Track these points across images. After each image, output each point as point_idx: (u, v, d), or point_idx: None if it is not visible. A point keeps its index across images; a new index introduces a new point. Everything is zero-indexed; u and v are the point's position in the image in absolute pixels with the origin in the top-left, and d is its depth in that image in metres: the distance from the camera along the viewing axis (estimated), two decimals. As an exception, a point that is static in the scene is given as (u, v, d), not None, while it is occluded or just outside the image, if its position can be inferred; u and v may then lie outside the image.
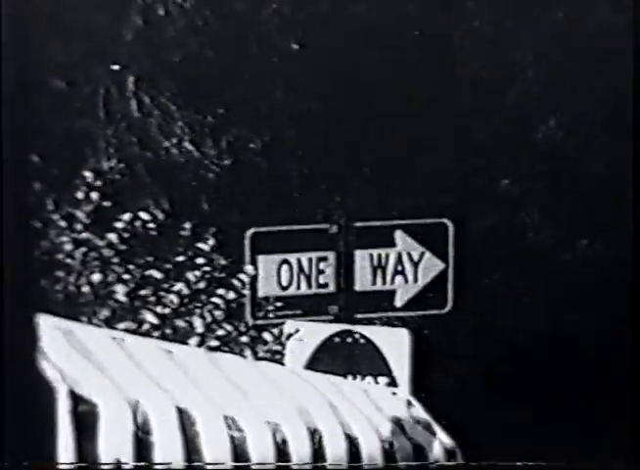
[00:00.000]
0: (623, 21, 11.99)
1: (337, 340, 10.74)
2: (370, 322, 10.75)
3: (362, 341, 10.75)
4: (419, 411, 10.65)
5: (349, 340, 10.72)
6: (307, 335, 10.84)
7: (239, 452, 9.59)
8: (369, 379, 10.73)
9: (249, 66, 11.14)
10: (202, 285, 10.86)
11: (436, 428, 10.60)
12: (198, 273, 10.86)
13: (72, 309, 10.44)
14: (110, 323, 10.55)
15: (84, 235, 10.61)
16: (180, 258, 10.73)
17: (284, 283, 10.87)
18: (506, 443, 10.95)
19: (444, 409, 10.57)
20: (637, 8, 11.90)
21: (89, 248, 10.69)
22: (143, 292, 10.68)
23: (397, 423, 10.64)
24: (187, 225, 10.73)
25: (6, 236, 10.14)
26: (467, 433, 10.54)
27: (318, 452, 9.90)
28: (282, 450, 9.76)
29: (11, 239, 10.35)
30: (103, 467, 8.61)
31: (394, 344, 10.80)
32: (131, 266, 10.69)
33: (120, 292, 10.67)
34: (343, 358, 10.72)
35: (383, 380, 10.77)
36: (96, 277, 10.67)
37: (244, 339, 10.87)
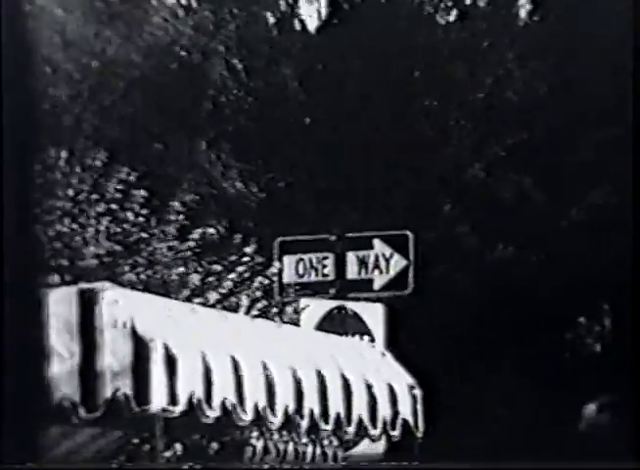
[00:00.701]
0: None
1: (335, 311, 13.48)
2: (357, 300, 13.56)
3: (351, 312, 13.42)
4: (390, 360, 12.76)
5: (343, 311, 13.45)
6: (316, 308, 13.49)
7: (269, 388, 10.69)
8: (356, 337, 13.28)
9: (277, 134, 14.65)
10: (247, 275, 13.99)
11: (402, 370, 12.43)
12: (245, 267, 14.02)
13: (165, 290, 13.47)
14: (189, 299, 13.60)
15: (173, 243, 14.01)
16: (233, 258, 14.05)
17: (300, 273, 13.88)
18: (454, 380, 13.26)
19: (408, 358, 12.66)
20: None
21: (176, 251, 13.99)
22: (209, 279, 13.84)
23: (375, 368, 12.33)
24: (238, 236, 14.09)
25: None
26: (424, 373, 12.42)
27: (321, 388, 11.18)
28: (298, 387, 10.95)
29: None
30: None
31: (373, 314, 13.41)
32: (202, 262, 14.00)
33: (195, 279, 13.83)
34: (339, 323, 13.35)
35: (366, 338, 13.28)
36: (181, 269, 13.85)
37: (274, 310, 13.78)
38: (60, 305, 9.04)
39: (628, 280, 14.45)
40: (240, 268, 13.89)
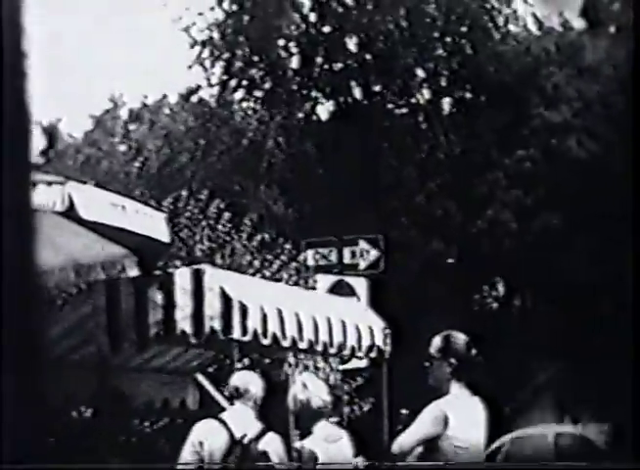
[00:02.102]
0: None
1: (337, 282, 13.26)
2: (350, 276, 13.42)
3: (347, 283, 13.24)
4: (370, 312, 11.84)
5: (342, 282, 13.25)
6: (326, 280, 13.20)
7: (299, 326, 9.97)
8: (350, 298, 12.93)
9: (302, 182, 14.89)
10: (286, 260, 14.11)
11: (378, 318, 11.45)
12: (285, 257, 14.17)
13: (240, 269, 13.24)
14: (253, 274, 13.45)
15: (245, 242, 14.10)
16: (279, 251, 14.22)
17: (317, 260, 13.99)
18: (410, 323, 13.10)
19: (381, 310, 11.62)
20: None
21: (246, 247, 14.06)
22: (265, 263, 14.03)
23: (361, 316, 11.61)
24: (281, 239, 14.22)
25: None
26: (392, 319, 11.31)
27: (329, 327, 10.44)
28: (315, 326, 10.20)
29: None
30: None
31: (359, 284, 13.25)
32: (261, 253, 14.08)
33: (257, 263, 13.94)
34: (340, 289, 13.08)
35: (355, 299, 13.05)
36: (248, 257, 14.00)
37: (302, 281, 13.85)
38: (185, 276, 8.88)
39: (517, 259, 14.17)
40: (282, 257, 14.13)
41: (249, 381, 7.17)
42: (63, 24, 34.67)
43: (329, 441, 7.28)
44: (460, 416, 6.52)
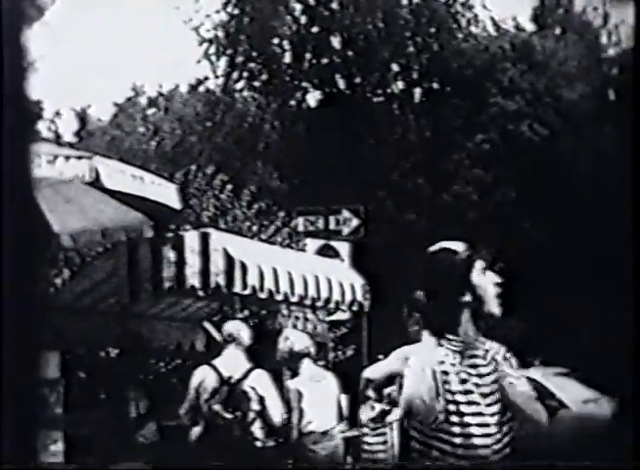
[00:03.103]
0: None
1: (324, 245, 13.05)
2: (335, 240, 13.20)
3: (332, 246, 13.03)
4: (352, 271, 11.74)
5: (328, 246, 13.05)
6: (314, 243, 13.01)
7: (291, 283, 9.88)
8: (334, 259, 12.60)
9: (293, 161, 14.65)
10: (280, 225, 14.00)
11: (359, 276, 11.33)
12: (279, 222, 14.05)
13: (240, 233, 12.60)
14: (252, 237, 13.23)
15: (244, 210, 13.93)
16: (273, 217, 14.10)
17: (307, 226, 13.89)
18: (385, 281, 12.30)
19: (363, 271, 11.44)
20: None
21: (245, 214, 13.77)
22: (262, 228, 13.78)
23: (345, 275, 11.43)
24: (275, 208, 14.10)
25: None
26: (370, 277, 11.23)
27: (316, 284, 10.28)
28: (305, 283, 10.07)
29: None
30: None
31: (343, 247, 13.07)
32: (259, 219, 13.82)
33: (254, 228, 13.76)
34: (326, 252, 12.93)
35: (339, 260, 12.74)
36: (248, 223, 13.77)
37: (294, 244, 13.69)
38: (194, 238, 8.82)
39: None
40: (277, 223, 14.01)
41: (239, 328, 7.08)
42: (93, 26, 34.71)
43: (314, 380, 7.36)
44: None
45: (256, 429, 6.79)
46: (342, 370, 8.15)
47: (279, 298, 9.80)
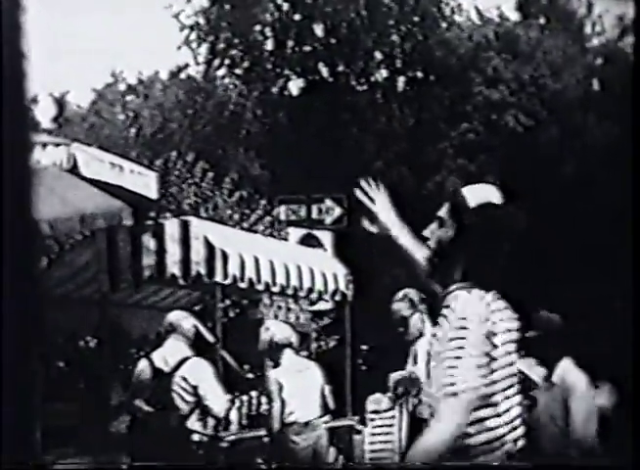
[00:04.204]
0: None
1: (306, 235, 13.00)
2: (317, 229, 13.11)
3: (314, 235, 12.98)
4: (335, 260, 11.84)
5: (310, 235, 12.99)
6: (296, 232, 12.91)
7: (272, 272, 9.88)
8: (317, 249, 12.68)
9: (277, 146, 14.55)
10: (262, 214, 13.84)
11: (342, 266, 11.37)
12: (261, 211, 13.86)
13: (222, 221, 12.83)
14: (233, 226, 12.95)
15: (225, 198, 13.78)
16: (254, 206, 14.04)
17: (289, 215, 13.54)
18: (369, 271, 12.46)
19: (346, 261, 11.58)
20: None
21: (226, 203, 13.76)
22: (244, 216, 13.76)
23: (327, 264, 11.48)
24: (257, 196, 13.92)
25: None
26: (353, 267, 11.29)
27: (299, 274, 10.34)
28: (287, 272, 10.10)
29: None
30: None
31: (325, 237, 13.01)
32: (239, 207, 13.78)
33: (236, 216, 13.57)
34: (308, 241, 12.82)
35: (322, 249, 12.76)
36: (229, 212, 13.66)
37: (275, 233, 13.66)
38: (174, 226, 8.84)
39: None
40: (258, 211, 13.96)
41: (180, 318, 6.91)
42: (71, 13, 34.39)
43: (296, 370, 7.28)
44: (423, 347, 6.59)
45: (194, 422, 6.59)
46: (325, 361, 8.10)
47: (260, 287, 9.76)
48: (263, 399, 8.12)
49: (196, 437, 6.56)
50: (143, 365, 6.73)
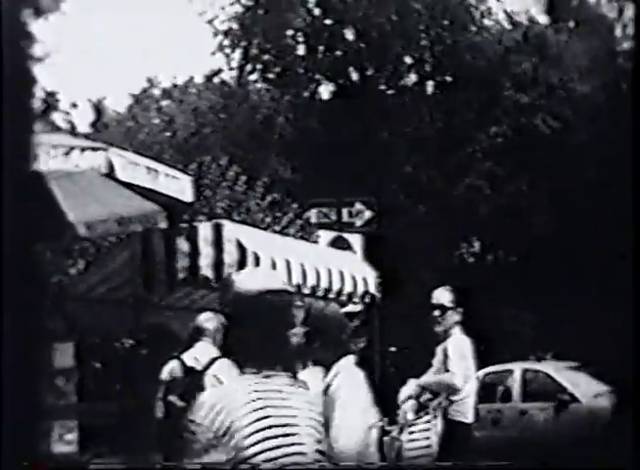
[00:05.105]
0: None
1: (337, 237, 12.88)
2: (347, 232, 12.99)
3: (344, 238, 12.80)
4: (364, 263, 11.50)
5: (340, 238, 12.83)
6: (327, 235, 12.85)
7: (303, 274, 9.84)
8: (347, 251, 12.50)
9: (305, 152, 14.52)
10: (293, 217, 13.96)
11: (370, 268, 11.19)
12: (291, 214, 13.96)
13: (254, 224, 12.67)
14: (265, 229, 12.98)
15: (258, 201, 13.75)
16: (286, 209, 14.09)
17: (319, 217, 13.67)
18: (397, 274, 12.82)
19: (376, 263, 11.23)
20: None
21: (259, 206, 13.75)
22: (276, 219, 13.76)
23: (357, 268, 11.37)
24: (289, 200, 13.92)
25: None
26: (383, 270, 11.18)
27: (329, 275, 10.23)
28: (317, 275, 10.05)
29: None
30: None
31: (355, 240, 12.85)
32: (272, 211, 13.77)
33: (268, 219, 13.68)
34: (339, 243, 12.65)
35: (351, 252, 12.53)
36: (260, 215, 13.66)
37: (307, 235, 13.67)
38: (207, 229, 8.86)
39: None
40: (290, 215, 13.99)
41: (204, 320, 6.97)
42: (109, 18, 34.73)
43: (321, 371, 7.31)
44: (456, 350, 6.78)
45: None
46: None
47: (291, 289, 9.61)
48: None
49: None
50: (174, 364, 6.92)
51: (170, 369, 6.91)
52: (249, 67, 20.36)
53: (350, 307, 10.67)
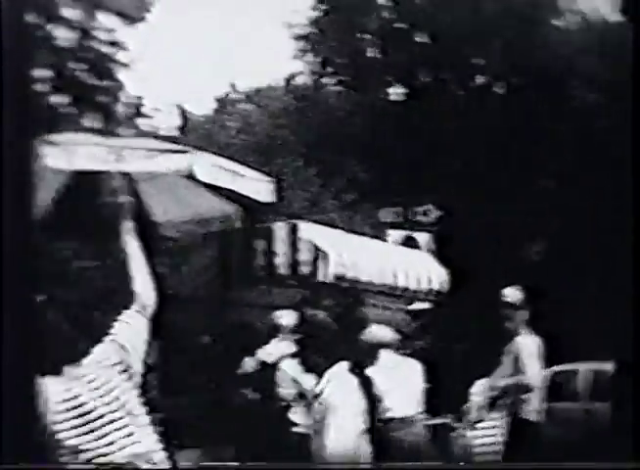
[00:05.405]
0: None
1: (408, 237, 12.68)
2: (417, 231, 12.82)
3: (414, 237, 12.61)
4: (434, 263, 11.38)
5: (411, 237, 12.63)
6: (399, 235, 12.58)
7: (374, 272, 10.18)
8: (416, 250, 12.28)
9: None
10: (364, 216, 13.91)
11: (439, 266, 11.19)
12: (364, 215, 13.95)
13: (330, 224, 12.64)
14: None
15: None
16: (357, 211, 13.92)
17: (390, 216, 13.58)
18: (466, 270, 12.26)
19: (444, 262, 11.31)
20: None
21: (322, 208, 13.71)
22: (348, 218, 13.73)
23: (426, 266, 11.32)
24: (361, 201, 13.90)
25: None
26: (454, 269, 11.16)
27: (400, 276, 10.38)
28: (392, 275, 10.21)
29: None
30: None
31: (424, 238, 12.65)
32: (342, 210, 13.78)
33: (338, 220, 13.68)
34: (408, 242, 12.51)
35: (420, 251, 12.30)
36: (333, 215, 13.72)
37: (377, 235, 13.01)
38: (284, 229, 9.04)
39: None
40: (362, 214, 13.97)
41: (279, 317, 7.19)
42: (191, 25, 35.03)
43: (393, 368, 7.33)
44: (528, 350, 6.81)
45: (294, 414, 6.83)
46: (421, 359, 7.98)
47: (363, 287, 9.79)
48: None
49: (295, 428, 6.81)
50: (249, 359, 7.18)
51: (245, 362, 7.15)
52: (325, 70, 20.43)
53: (417, 305, 11.32)
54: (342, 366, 6.15)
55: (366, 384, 7.01)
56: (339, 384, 6.22)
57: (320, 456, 5.74)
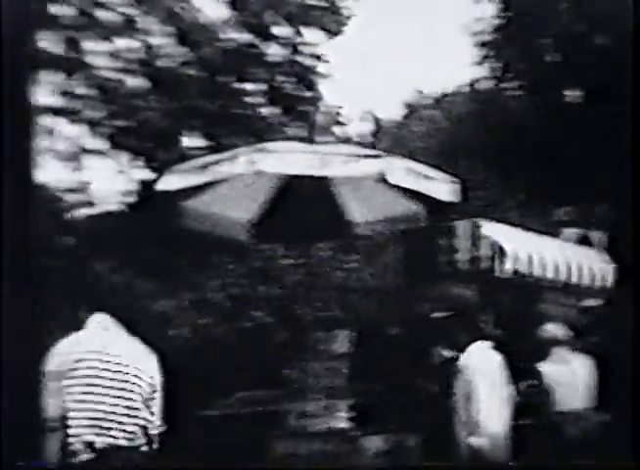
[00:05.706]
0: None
1: (581, 235, 11.93)
2: (591, 230, 12.05)
3: (588, 236, 11.93)
4: (606, 261, 11.14)
5: (584, 235, 11.90)
6: (570, 233, 11.87)
7: (552, 269, 10.07)
8: (589, 248, 11.47)
9: None
10: (541, 216, 13.31)
11: (612, 266, 11.04)
12: (541, 215, 13.44)
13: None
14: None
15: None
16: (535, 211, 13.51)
17: (564, 216, 13.01)
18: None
19: (618, 260, 10.90)
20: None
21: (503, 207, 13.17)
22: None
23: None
24: (537, 201, 13.41)
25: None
26: (627, 268, 10.66)
27: (569, 272, 10.31)
28: (567, 272, 10.08)
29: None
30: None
31: (599, 236, 11.92)
32: (520, 212, 13.42)
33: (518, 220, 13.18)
34: (582, 240, 11.80)
35: (594, 249, 11.49)
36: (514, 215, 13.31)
37: (552, 232, 12.25)
38: (466, 227, 8.94)
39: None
40: (539, 214, 13.59)
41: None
42: (383, 37, 35.19)
43: (564, 364, 7.30)
44: None
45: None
46: (592, 355, 7.87)
47: (542, 283, 9.70)
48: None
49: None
50: (435, 351, 7.32)
51: (432, 355, 7.08)
52: (505, 75, 20.10)
53: (589, 302, 11.07)
54: (485, 344, 6.07)
55: (537, 377, 7.04)
56: (481, 359, 6.09)
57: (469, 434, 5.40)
